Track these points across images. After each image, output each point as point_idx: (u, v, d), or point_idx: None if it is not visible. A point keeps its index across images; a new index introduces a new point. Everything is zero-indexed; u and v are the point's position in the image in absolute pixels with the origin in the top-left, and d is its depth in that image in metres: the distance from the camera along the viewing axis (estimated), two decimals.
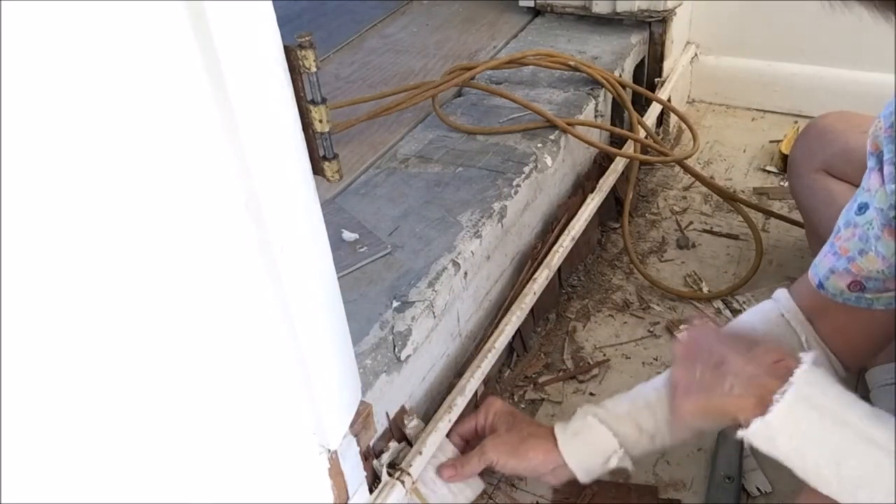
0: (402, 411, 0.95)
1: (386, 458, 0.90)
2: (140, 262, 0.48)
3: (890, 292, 0.78)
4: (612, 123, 1.51)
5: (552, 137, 1.27)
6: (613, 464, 0.89)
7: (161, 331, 0.51)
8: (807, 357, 0.71)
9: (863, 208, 0.77)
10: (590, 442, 0.89)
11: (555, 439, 0.91)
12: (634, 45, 1.58)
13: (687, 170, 1.45)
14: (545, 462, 0.91)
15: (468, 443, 0.99)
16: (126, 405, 0.50)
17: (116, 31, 0.43)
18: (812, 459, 0.70)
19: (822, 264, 0.82)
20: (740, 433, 0.72)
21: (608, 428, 0.89)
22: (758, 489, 1.01)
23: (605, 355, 1.23)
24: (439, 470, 0.94)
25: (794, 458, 0.71)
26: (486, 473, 0.98)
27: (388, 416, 0.92)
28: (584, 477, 0.90)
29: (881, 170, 0.73)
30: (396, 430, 0.93)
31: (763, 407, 0.70)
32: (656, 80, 1.67)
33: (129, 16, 0.44)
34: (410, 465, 0.89)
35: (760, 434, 0.71)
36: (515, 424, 0.95)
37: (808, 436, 0.69)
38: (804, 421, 0.69)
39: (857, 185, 1.10)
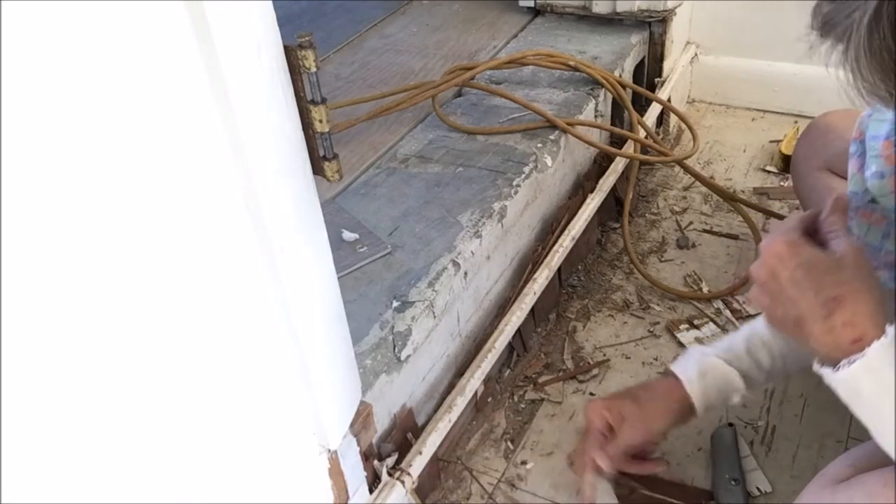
0: (409, 413, 0.95)
1: (390, 461, 0.90)
2: (140, 263, 0.48)
3: None
4: (612, 123, 1.51)
5: (552, 137, 1.27)
6: (736, 400, 0.94)
7: (161, 331, 0.51)
8: (891, 330, 0.67)
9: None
10: (716, 384, 0.93)
11: (675, 380, 0.94)
12: (634, 45, 1.58)
13: (687, 170, 1.45)
14: (670, 410, 0.94)
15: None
16: (126, 406, 0.50)
17: (117, 31, 0.43)
18: (869, 423, 0.68)
19: None
20: (816, 367, 0.71)
21: (735, 369, 0.92)
22: (758, 489, 1.01)
23: (605, 355, 1.23)
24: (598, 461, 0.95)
25: (869, 406, 0.69)
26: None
27: (394, 416, 0.92)
28: (701, 410, 0.94)
29: (861, 155, 0.74)
30: (399, 432, 0.93)
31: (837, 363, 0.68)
32: (656, 80, 1.67)
33: (130, 16, 0.44)
34: (410, 465, 0.89)
35: (825, 376, 0.70)
36: (629, 395, 0.98)
37: (868, 405, 0.68)
38: (867, 391, 0.67)
39: None
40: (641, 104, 1.56)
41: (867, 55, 0.56)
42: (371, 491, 0.86)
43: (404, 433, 0.95)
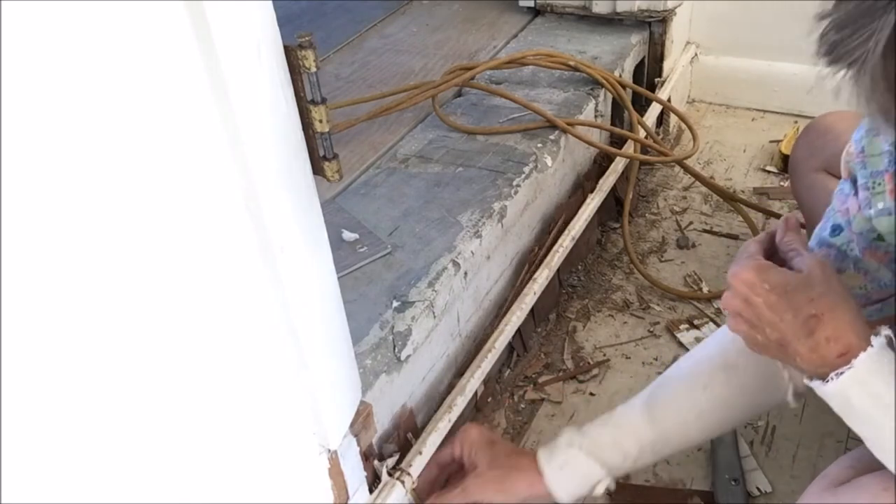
0: (409, 413, 0.95)
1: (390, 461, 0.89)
2: (140, 263, 0.48)
3: (874, 305, 0.77)
4: (612, 123, 1.51)
5: (552, 137, 1.27)
6: (600, 490, 0.89)
7: (161, 331, 0.51)
8: (877, 341, 0.67)
9: (836, 230, 0.77)
10: (577, 474, 0.88)
11: (538, 470, 0.88)
12: (634, 45, 1.58)
13: (687, 170, 1.45)
14: (531, 495, 0.89)
15: (443, 471, 0.95)
16: (126, 406, 0.50)
17: (117, 31, 0.43)
18: (862, 434, 0.68)
19: None
20: (806, 381, 0.70)
21: (595, 459, 0.87)
22: (758, 489, 1.01)
23: (605, 355, 1.23)
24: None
25: (863, 418, 0.69)
26: None
27: (394, 416, 0.92)
28: (567, 501, 0.89)
29: (857, 194, 0.72)
30: (400, 432, 0.93)
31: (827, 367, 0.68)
32: (656, 80, 1.67)
33: (130, 16, 0.44)
34: (410, 465, 0.89)
35: (816, 389, 0.69)
36: (495, 457, 0.91)
37: (860, 416, 0.68)
38: (857, 402, 0.67)
39: None
40: (641, 104, 1.56)
41: (884, 81, 0.54)
42: (371, 491, 0.86)
43: (404, 433, 0.95)
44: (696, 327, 1.25)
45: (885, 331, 0.67)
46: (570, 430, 0.90)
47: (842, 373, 0.66)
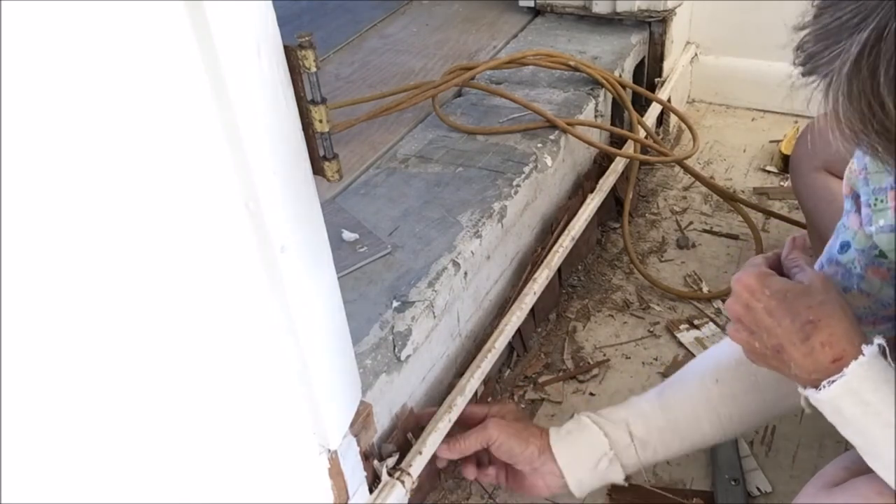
0: (409, 413, 0.95)
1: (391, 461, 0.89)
2: (140, 263, 0.48)
3: (880, 325, 0.77)
4: (612, 123, 1.51)
5: (552, 137, 1.27)
6: (603, 467, 0.89)
7: (160, 331, 0.51)
8: (868, 350, 0.68)
9: (844, 247, 0.77)
10: (580, 441, 0.89)
11: (549, 438, 0.91)
12: (634, 45, 1.58)
13: (687, 170, 1.45)
14: (539, 458, 0.90)
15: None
16: (126, 406, 0.50)
17: (116, 31, 0.43)
18: (854, 442, 0.69)
19: None
20: (800, 390, 0.71)
21: (600, 429, 0.88)
22: (758, 489, 1.01)
23: (605, 355, 1.23)
24: (437, 451, 0.93)
25: (852, 426, 0.69)
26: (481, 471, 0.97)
27: (394, 416, 0.92)
28: (574, 485, 0.90)
29: (858, 212, 0.72)
30: (400, 432, 0.93)
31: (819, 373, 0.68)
32: (656, 80, 1.67)
33: (130, 16, 0.44)
34: (410, 465, 0.89)
35: (809, 397, 0.70)
36: (522, 419, 0.96)
37: (852, 424, 0.68)
38: (848, 410, 0.68)
39: None
40: (641, 104, 1.56)
41: (847, 101, 0.55)
42: (371, 491, 0.86)
43: (404, 433, 0.95)
44: (696, 327, 1.25)
45: (878, 339, 0.68)
46: (585, 410, 0.92)
47: (834, 381, 0.67)
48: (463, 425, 0.96)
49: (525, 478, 0.93)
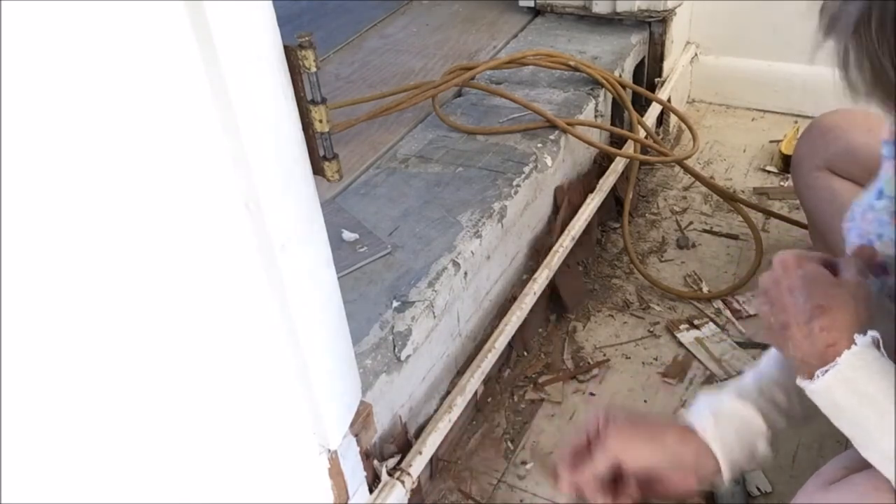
0: (410, 413, 0.95)
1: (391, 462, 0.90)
2: (140, 262, 0.48)
3: None
4: (612, 123, 1.51)
5: (552, 137, 1.27)
6: (762, 448, 0.78)
7: (160, 331, 0.51)
8: (861, 340, 0.67)
9: (880, 194, 0.78)
10: (735, 421, 0.78)
11: (686, 426, 0.78)
12: (634, 45, 1.58)
13: (687, 170, 1.44)
14: (685, 450, 0.76)
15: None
16: (125, 406, 0.50)
17: (117, 31, 0.43)
18: (850, 434, 0.69)
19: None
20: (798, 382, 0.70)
21: (755, 410, 0.78)
22: (758, 489, 1.01)
23: (605, 355, 1.23)
24: (560, 479, 0.78)
25: (845, 416, 0.69)
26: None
27: (395, 416, 0.92)
28: (727, 469, 0.77)
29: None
30: (400, 432, 0.93)
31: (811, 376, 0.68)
32: (656, 80, 1.67)
33: (130, 16, 0.44)
34: (410, 465, 0.89)
35: (805, 389, 0.70)
36: (636, 416, 0.81)
37: (846, 415, 0.68)
38: (843, 401, 0.68)
39: (859, 184, 1.10)
40: (641, 104, 1.56)
41: (859, 56, 0.58)
42: (371, 491, 0.86)
43: (405, 433, 0.95)
44: (696, 327, 1.25)
45: (873, 332, 0.68)
46: (704, 394, 0.81)
47: (827, 370, 0.67)
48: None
49: (668, 478, 0.78)
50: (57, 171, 0.42)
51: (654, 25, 1.62)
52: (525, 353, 1.23)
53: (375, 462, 0.88)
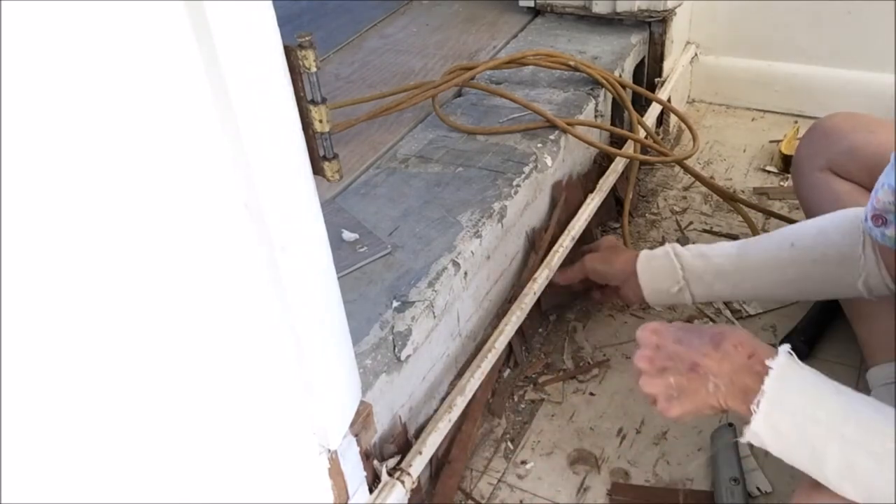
0: (410, 413, 0.95)
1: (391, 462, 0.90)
2: (140, 262, 0.48)
3: None
4: (612, 123, 1.51)
5: (552, 137, 1.27)
6: (674, 291, 1.05)
7: (160, 331, 0.51)
8: (781, 351, 0.73)
9: None
10: (658, 268, 1.06)
11: (636, 254, 1.09)
12: (634, 45, 1.58)
13: (687, 170, 1.45)
14: (623, 269, 1.10)
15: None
16: (125, 406, 0.50)
17: (116, 31, 0.43)
18: (798, 459, 0.72)
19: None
20: (740, 439, 0.75)
21: (677, 260, 1.04)
22: (758, 489, 1.01)
23: (605, 355, 1.23)
24: (553, 278, 1.17)
25: (786, 458, 0.73)
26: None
27: (395, 416, 0.92)
28: (651, 300, 1.09)
29: None
30: (400, 432, 0.93)
31: (746, 403, 0.73)
32: (656, 80, 1.67)
33: (129, 16, 0.44)
34: (410, 465, 0.89)
35: (754, 440, 0.74)
36: (614, 246, 1.18)
37: (789, 438, 0.71)
38: (782, 423, 0.71)
39: (860, 185, 1.11)
40: (641, 104, 1.56)
41: None
42: (371, 491, 0.86)
43: (405, 433, 0.95)
44: None
45: (785, 347, 0.74)
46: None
47: (758, 403, 0.72)
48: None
49: (618, 290, 1.13)
50: (57, 171, 0.42)
51: (654, 25, 1.62)
52: (525, 354, 1.23)
53: (375, 462, 0.88)
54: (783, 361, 0.73)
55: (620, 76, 1.49)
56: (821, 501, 0.72)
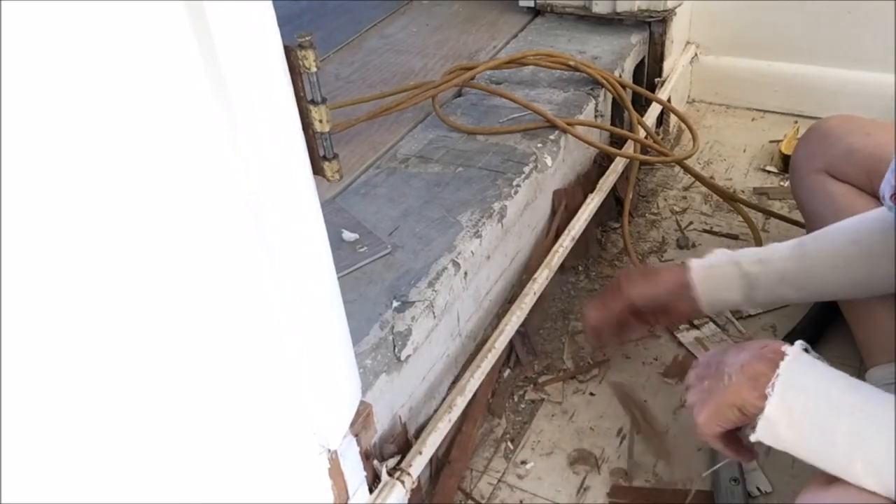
0: (410, 413, 0.95)
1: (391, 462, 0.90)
2: (140, 261, 0.48)
3: None
4: (612, 123, 1.51)
5: (552, 137, 1.27)
6: (736, 299, 0.99)
7: (160, 330, 0.51)
8: (796, 345, 0.75)
9: None
10: (716, 275, 0.99)
11: (684, 266, 1.01)
12: (634, 45, 1.58)
13: (687, 170, 1.45)
14: (674, 284, 1.01)
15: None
16: (125, 405, 0.50)
17: (116, 30, 0.43)
18: (809, 444, 0.72)
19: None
20: (752, 437, 0.75)
21: (735, 258, 0.99)
22: (758, 489, 1.01)
23: (605, 355, 1.23)
24: (586, 317, 1.07)
25: (798, 447, 0.73)
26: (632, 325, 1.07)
27: (395, 416, 0.92)
28: (707, 309, 1.01)
29: None
30: (400, 432, 0.93)
31: (758, 389, 0.74)
32: (656, 80, 1.67)
33: (130, 15, 0.44)
34: (410, 465, 0.89)
35: (765, 431, 0.73)
36: (647, 267, 1.14)
37: (803, 420, 0.71)
38: (797, 405, 0.72)
39: (858, 187, 1.11)
40: (641, 104, 1.56)
41: None
42: (371, 491, 0.86)
43: (405, 433, 0.95)
44: (696, 327, 1.25)
45: (800, 343, 0.76)
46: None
47: (773, 386, 0.73)
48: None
49: (667, 308, 1.04)
50: (57, 171, 0.42)
51: (654, 25, 1.62)
52: (529, 354, 1.23)
53: (375, 462, 0.88)
54: (798, 348, 0.75)
55: (620, 76, 1.49)
56: (822, 501, 0.72)
